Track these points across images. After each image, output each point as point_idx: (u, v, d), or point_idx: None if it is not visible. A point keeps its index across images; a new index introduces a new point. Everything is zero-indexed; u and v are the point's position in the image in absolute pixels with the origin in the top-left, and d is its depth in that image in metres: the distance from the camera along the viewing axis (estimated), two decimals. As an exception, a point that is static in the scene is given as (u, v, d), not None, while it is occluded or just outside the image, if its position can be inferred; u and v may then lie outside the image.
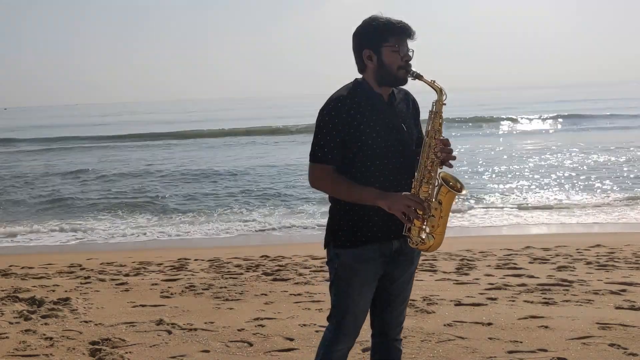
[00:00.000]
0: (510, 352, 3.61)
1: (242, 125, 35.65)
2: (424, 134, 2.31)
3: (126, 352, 3.75)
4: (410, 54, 2.29)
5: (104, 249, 8.72)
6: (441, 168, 2.28)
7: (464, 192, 2.23)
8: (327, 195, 2.39)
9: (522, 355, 3.56)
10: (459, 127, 31.33)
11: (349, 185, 2.26)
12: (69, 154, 23.97)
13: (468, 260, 6.38)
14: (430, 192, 2.22)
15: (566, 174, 14.07)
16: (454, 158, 2.27)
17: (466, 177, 14.09)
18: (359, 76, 2.37)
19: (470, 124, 33.83)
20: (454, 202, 2.27)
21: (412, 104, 2.44)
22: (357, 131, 2.24)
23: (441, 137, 2.25)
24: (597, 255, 6.38)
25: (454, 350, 3.66)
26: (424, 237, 2.21)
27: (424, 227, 2.21)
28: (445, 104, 2.26)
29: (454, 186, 2.23)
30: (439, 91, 2.24)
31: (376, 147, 2.25)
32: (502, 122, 34.03)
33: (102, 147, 26.79)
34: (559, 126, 32.04)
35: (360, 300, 2.36)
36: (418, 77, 2.26)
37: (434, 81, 2.25)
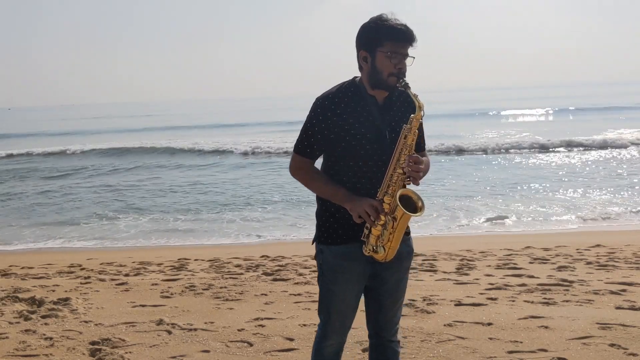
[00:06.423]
0: (510, 352, 3.61)
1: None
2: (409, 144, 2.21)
3: (126, 352, 3.75)
4: (408, 61, 2.22)
5: (104, 248, 8.72)
6: (409, 183, 2.22)
7: (419, 213, 2.15)
8: None
9: (522, 355, 3.56)
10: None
11: (324, 182, 2.28)
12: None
13: (468, 260, 6.38)
14: (391, 204, 2.18)
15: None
16: (419, 177, 2.20)
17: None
18: (359, 75, 2.33)
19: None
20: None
21: (410, 111, 2.35)
22: (341, 131, 2.23)
23: (412, 154, 2.18)
24: (597, 255, 6.38)
25: (454, 350, 3.66)
26: (377, 246, 2.21)
27: (380, 236, 2.20)
28: (421, 122, 2.22)
29: (414, 204, 2.18)
30: (419, 107, 2.19)
31: (356, 149, 2.23)
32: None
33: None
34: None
35: (345, 298, 2.35)
36: (406, 87, 2.21)
37: (417, 96, 2.20)
